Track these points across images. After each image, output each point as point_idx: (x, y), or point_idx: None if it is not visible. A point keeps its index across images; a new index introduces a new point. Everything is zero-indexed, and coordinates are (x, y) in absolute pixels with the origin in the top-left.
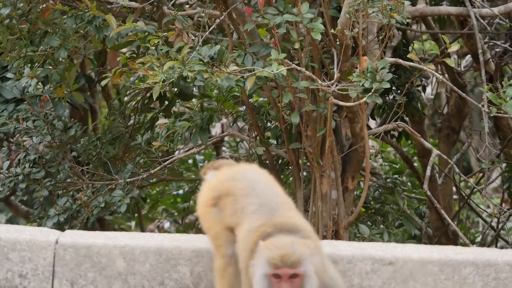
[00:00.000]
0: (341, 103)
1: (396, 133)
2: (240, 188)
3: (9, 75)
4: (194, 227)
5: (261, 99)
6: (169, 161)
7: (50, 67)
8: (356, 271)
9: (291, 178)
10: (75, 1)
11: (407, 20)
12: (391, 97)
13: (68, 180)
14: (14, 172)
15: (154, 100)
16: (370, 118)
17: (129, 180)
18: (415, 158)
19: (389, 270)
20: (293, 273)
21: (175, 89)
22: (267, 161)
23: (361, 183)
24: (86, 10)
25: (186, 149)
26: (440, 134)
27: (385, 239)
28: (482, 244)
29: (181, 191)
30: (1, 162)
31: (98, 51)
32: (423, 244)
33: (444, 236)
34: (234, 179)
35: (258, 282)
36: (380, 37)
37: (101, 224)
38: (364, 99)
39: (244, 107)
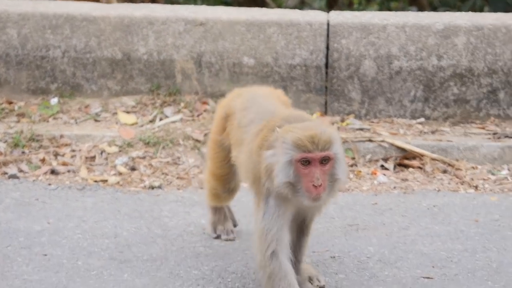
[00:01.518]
0: None
1: None
2: (240, 103)
3: None
4: None
5: None
6: None
7: None
8: (170, 32)
9: None
10: None
11: None
12: None
13: None
14: None
15: None
16: None
17: None
18: None
19: (200, 30)
20: (324, 156)
21: None
22: None
23: None
24: None
25: None
26: None
27: (198, 3)
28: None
29: None
30: None
31: None
32: (232, 7)
33: (253, 3)
34: (238, 96)
35: (282, 171)
36: None
37: None
38: None
39: None
